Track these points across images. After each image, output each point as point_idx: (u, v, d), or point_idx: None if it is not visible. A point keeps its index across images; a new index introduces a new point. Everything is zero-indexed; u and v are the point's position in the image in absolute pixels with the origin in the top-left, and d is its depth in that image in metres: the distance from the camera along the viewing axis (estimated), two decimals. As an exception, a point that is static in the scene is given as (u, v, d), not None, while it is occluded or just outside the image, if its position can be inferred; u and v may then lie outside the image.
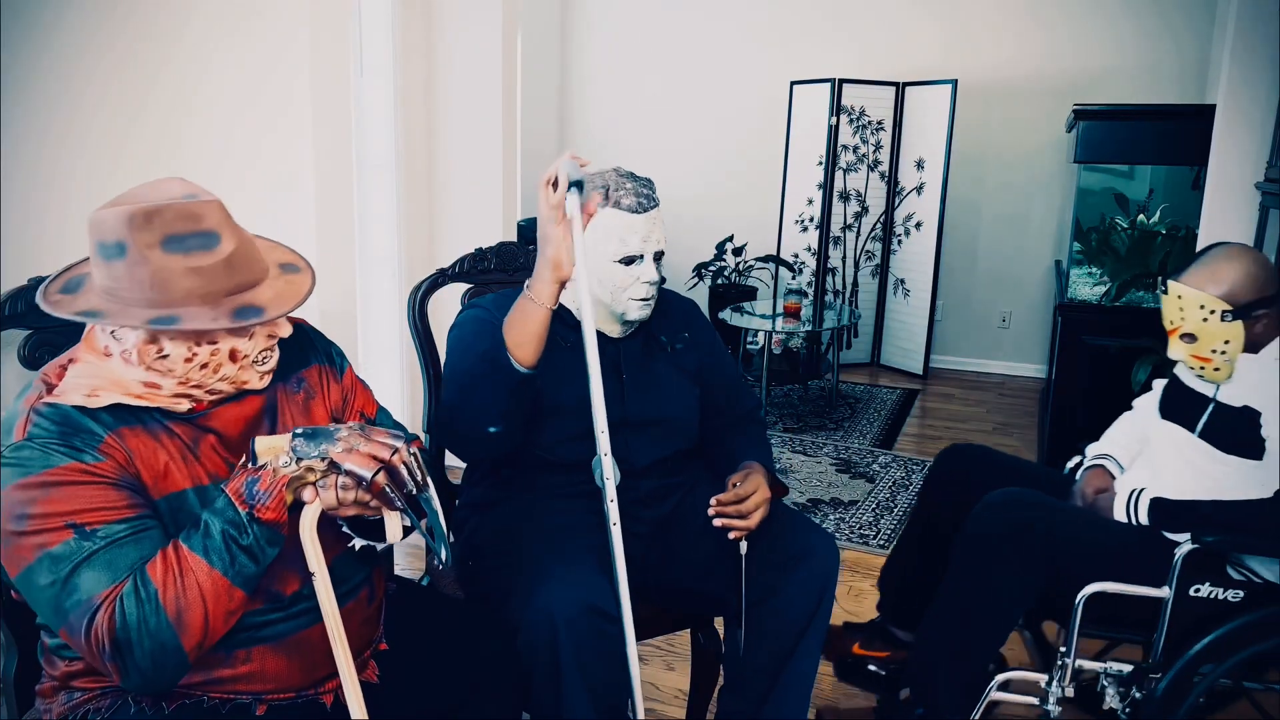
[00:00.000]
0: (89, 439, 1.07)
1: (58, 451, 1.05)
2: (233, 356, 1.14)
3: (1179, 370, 1.86)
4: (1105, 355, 3.53)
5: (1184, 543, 1.61)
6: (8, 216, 1.57)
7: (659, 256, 1.60)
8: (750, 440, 1.75)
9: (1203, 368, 1.70)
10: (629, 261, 1.57)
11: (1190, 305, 1.67)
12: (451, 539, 1.76)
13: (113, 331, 1.11)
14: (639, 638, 1.68)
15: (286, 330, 1.20)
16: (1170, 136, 3.68)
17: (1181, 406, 1.80)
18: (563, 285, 1.44)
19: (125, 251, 1.06)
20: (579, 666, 1.40)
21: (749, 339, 4.62)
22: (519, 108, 4.03)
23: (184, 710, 1.15)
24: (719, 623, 1.76)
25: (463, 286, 1.91)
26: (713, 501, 1.56)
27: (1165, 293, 1.70)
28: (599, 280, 1.58)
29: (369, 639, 1.32)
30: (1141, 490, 1.70)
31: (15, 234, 1.60)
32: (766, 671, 1.60)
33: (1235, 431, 1.68)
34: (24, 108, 1.63)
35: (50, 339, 1.31)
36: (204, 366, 1.12)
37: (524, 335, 1.44)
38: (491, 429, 1.49)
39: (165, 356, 1.11)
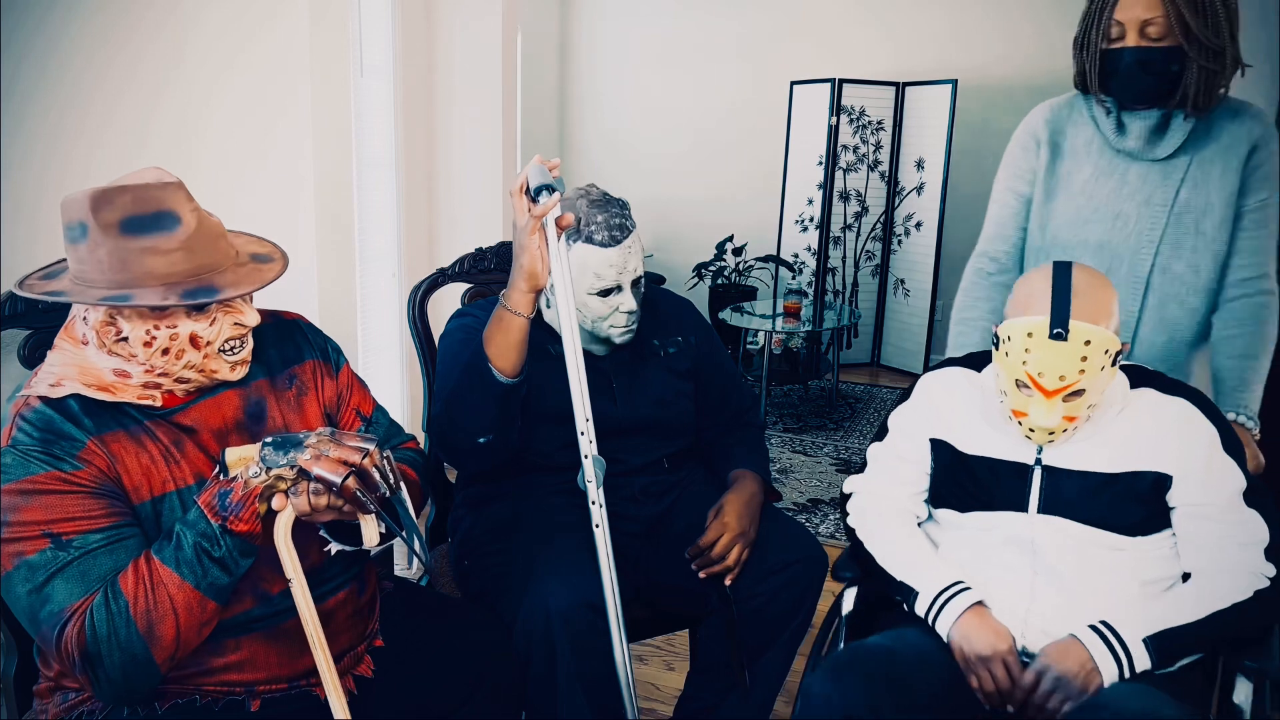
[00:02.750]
0: (69, 446, 1.07)
1: (37, 459, 1.06)
2: (194, 342, 1.13)
3: (942, 433, 1.44)
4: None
5: (1239, 679, 1.29)
6: (9, 216, 1.57)
7: (638, 283, 1.59)
8: (745, 446, 1.75)
9: (1063, 430, 1.31)
10: (606, 293, 1.56)
11: (1097, 351, 1.26)
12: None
13: (85, 317, 1.12)
14: (639, 637, 1.68)
15: (253, 319, 1.18)
16: (1170, 136, 3.68)
17: (979, 486, 1.40)
18: (539, 294, 1.43)
19: (87, 232, 1.07)
20: (574, 661, 1.40)
21: (749, 339, 4.62)
22: (519, 108, 4.03)
23: (177, 710, 1.15)
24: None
25: (463, 286, 1.91)
26: (687, 556, 1.56)
27: (1062, 338, 1.25)
28: (579, 310, 1.57)
29: (362, 632, 1.32)
30: (1105, 624, 1.25)
31: (16, 234, 1.60)
32: (733, 666, 1.60)
33: (1137, 505, 1.33)
34: (28, 109, 1.63)
35: (50, 339, 1.31)
36: (165, 352, 1.12)
37: (503, 346, 1.43)
38: (482, 439, 1.49)
39: (124, 339, 1.11)
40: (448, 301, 1.88)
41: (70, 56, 1.72)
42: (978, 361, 1.50)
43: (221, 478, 1.09)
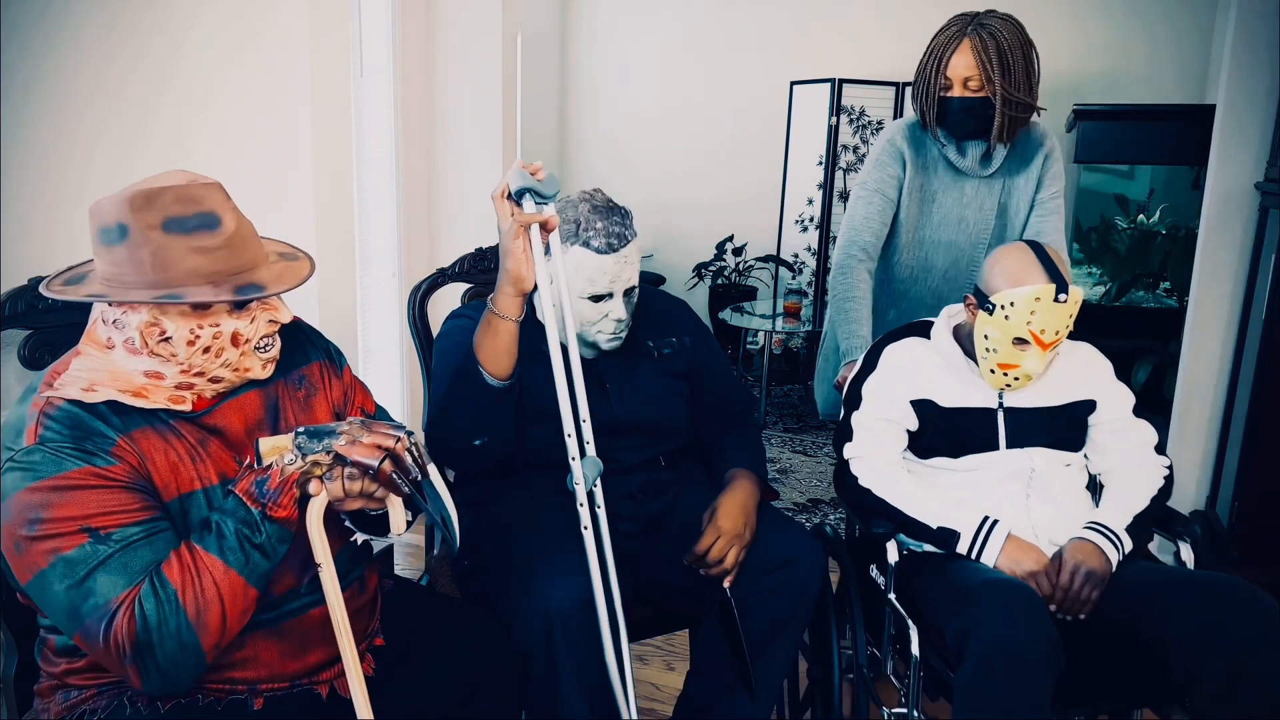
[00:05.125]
0: (101, 442, 1.07)
1: (70, 456, 1.05)
2: (234, 340, 1.15)
3: (923, 393, 1.68)
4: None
5: (1180, 543, 1.66)
6: (8, 217, 1.57)
7: (630, 292, 1.60)
8: (741, 445, 1.75)
9: (1030, 376, 1.60)
10: (597, 299, 1.57)
11: (1077, 308, 1.57)
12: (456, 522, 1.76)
13: (114, 321, 1.12)
14: (638, 637, 1.69)
15: (287, 316, 1.20)
16: (1170, 136, 3.68)
17: (961, 433, 1.66)
18: (526, 297, 1.43)
19: (127, 234, 1.07)
20: (574, 661, 1.40)
21: (749, 339, 4.63)
22: (519, 108, 4.03)
23: (180, 709, 1.15)
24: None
25: (463, 286, 1.91)
26: (686, 562, 1.57)
27: (1064, 301, 1.54)
28: (570, 312, 1.58)
29: (363, 630, 1.32)
30: (1097, 524, 1.57)
31: (16, 234, 1.60)
32: (733, 667, 1.60)
33: (1075, 428, 1.69)
34: (27, 109, 1.63)
35: (50, 339, 1.31)
36: (206, 350, 1.13)
37: (493, 350, 1.44)
38: (477, 441, 1.49)
39: (168, 339, 1.11)
40: (448, 301, 1.88)
41: (66, 57, 1.72)
42: (921, 330, 1.78)
43: (256, 466, 1.10)
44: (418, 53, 3.20)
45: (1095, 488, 1.75)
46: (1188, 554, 1.64)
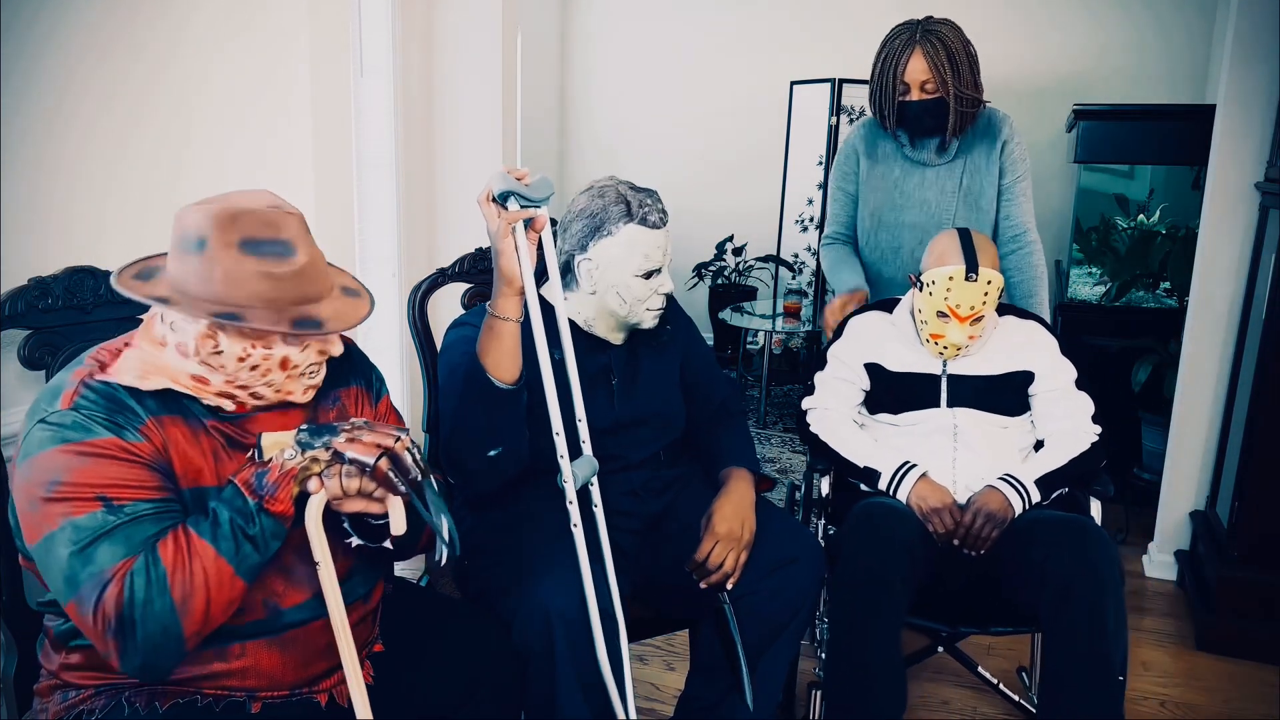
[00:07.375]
0: (132, 418, 1.10)
1: (100, 424, 1.07)
2: (283, 365, 1.17)
3: (874, 358, 1.92)
4: (1105, 355, 3.54)
5: (1091, 500, 1.85)
6: (8, 216, 1.57)
7: (668, 263, 1.63)
8: (730, 437, 1.77)
9: (964, 346, 1.83)
10: (649, 275, 1.58)
11: (994, 288, 1.79)
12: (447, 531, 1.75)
13: (172, 323, 1.14)
14: (639, 637, 1.69)
15: (338, 349, 1.22)
16: (1170, 136, 3.68)
17: (905, 393, 1.89)
18: (523, 296, 1.43)
19: (204, 247, 1.10)
20: (573, 661, 1.40)
21: (749, 339, 4.62)
22: (519, 108, 4.03)
23: (178, 709, 1.15)
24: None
25: (463, 286, 1.91)
26: (687, 569, 1.57)
27: (975, 279, 1.77)
28: (619, 294, 1.59)
29: (364, 639, 1.32)
30: (1008, 475, 1.78)
31: (15, 234, 1.60)
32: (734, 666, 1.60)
33: (1013, 395, 1.89)
34: (25, 108, 1.63)
35: (50, 339, 1.31)
36: (254, 369, 1.15)
37: (498, 353, 1.45)
38: (492, 452, 1.49)
39: (219, 353, 1.13)
40: (448, 301, 1.88)
41: (64, 53, 1.72)
42: (887, 306, 2.02)
43: (258, 459, 1.11)
44: (418, 53, 3.20)
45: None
46: (1096, 510, 1.83)
